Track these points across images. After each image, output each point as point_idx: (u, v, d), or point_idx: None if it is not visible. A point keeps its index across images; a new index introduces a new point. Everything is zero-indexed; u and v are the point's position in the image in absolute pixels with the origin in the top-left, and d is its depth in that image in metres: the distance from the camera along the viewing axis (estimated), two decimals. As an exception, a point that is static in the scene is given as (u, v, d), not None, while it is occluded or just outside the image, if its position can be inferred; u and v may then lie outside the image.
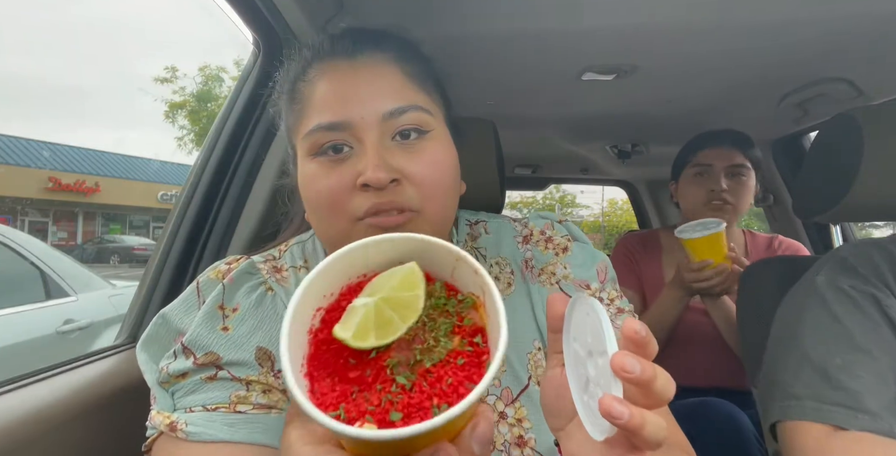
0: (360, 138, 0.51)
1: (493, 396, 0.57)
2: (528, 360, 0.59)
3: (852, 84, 1.26)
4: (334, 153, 0.52)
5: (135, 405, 0.77)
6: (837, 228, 1.79)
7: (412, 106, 0.52)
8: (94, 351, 0.81)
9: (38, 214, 16.50)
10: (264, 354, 0.52)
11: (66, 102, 37.03)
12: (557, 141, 2.14)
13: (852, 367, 0.67)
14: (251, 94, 1.00)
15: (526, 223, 0.69)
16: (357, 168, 0.50)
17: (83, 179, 16.60)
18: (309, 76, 0.54)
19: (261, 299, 0.56)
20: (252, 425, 0.48)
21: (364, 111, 0.51)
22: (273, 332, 0.54)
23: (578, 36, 1.12)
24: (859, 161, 0.78)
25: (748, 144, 1.38)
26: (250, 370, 0.51)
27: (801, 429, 0.67)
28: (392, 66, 0.54)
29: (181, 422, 0.48)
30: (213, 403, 0.49)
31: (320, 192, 0.51)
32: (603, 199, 26.43)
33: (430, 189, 0.52)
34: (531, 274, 0.64)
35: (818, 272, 0.78)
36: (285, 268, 0.60)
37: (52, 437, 0.62)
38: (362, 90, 0.52)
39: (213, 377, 0.50)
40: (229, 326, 0.53)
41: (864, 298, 0.72)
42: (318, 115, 0.51)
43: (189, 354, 0.51)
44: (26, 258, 2.40)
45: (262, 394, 0.50)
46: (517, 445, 0.55)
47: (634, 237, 1.56)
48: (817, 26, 1.04)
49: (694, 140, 1.45)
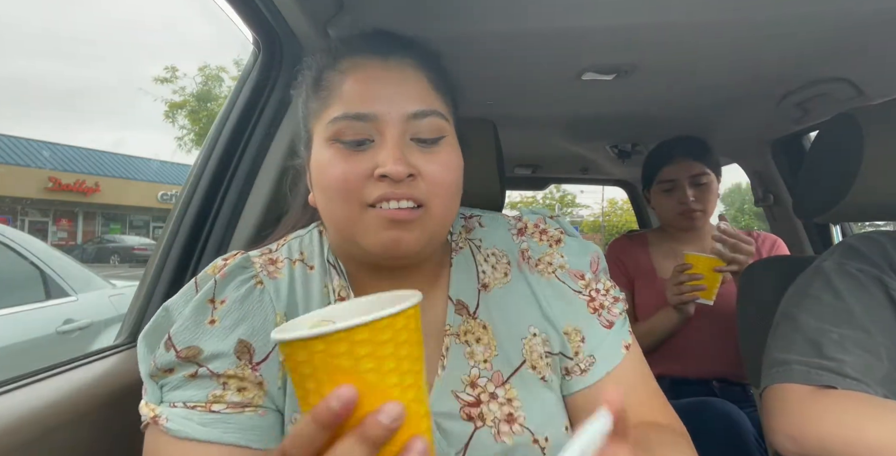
0: (382, 132, 0.54)
1: (484, 379, 0.59)
2: (523, 345, 0.62)
3: (852, 84, 1.26)
4: (355, 144, 0.54)
5: (135, 405, 0.77)
6: (837, 227, 1.80)
7: (434, 111, 0.56)
8: (94, 351, 0.81)
9: (38, 214, 16.50)
10: (244, 346, 0.54)
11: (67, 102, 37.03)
12: (557, 141, 2.14)
13: (846, 342, 0.68)
14: (251, 94, 0.99)
15: (520, 218, 0.72)
16: (375, 159, 0.53)
17: (83, 179, 16.60)
18: (340, 67, 0.56)
19: (248, 293, 0.57)
20: (225, 425, 0.50)
21: (391, 108, 0.54)
22: (256, 325, 0.55)
23: (578, 36, 1.12)
24: (859, 161, 0.78)
25: (704, 152, 1.46)
26: (229, 363, 0.53)
27: (786, 389, 0.68)
28: (418, 72, 0.57)
29: (163, 417, 0.51)
30: (192, 401, 0.51)
31: (336, 177, 0.53)
32: (603, 199, 26.45)
33: (440, 187, 0.55)
34: (528, 265, 0.67)
35: (826, 259, 0.79)
36: (280, 259, 0.62)
37: (52, 437, 0.62)
38: (391, 89, 0.55)
39: (195, 375, 0.52)
40: (216, 318, 0.55)
41: (869, 280, 0.72)
42: (345, 106, 0.54)
43: (170, 346, 0.53)
44: (26, 258, 2.39)
45: (237, 392, 0.52)
46: (506, 421, 0.57)
47: (622, 240, 1.64)
48: (817, 26, 1.04)
49: (654, 155, 1.53)
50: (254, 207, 0.99)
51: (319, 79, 0.58)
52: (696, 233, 1.50)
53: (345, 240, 0.58)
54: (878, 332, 0.69)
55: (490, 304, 0.64)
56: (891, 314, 0.70)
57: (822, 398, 0.65)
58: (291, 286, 0.60)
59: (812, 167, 0.91)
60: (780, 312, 0.79)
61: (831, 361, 0.67)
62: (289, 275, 0.61)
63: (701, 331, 1.37)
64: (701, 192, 1.44)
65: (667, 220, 1.53)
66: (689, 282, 1.28)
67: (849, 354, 0.67)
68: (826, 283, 0.75)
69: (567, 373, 0.63)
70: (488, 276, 0.65)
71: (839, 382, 0.65)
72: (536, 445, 0.57)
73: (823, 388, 0.66)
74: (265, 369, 0.54)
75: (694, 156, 1.44)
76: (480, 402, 0.58)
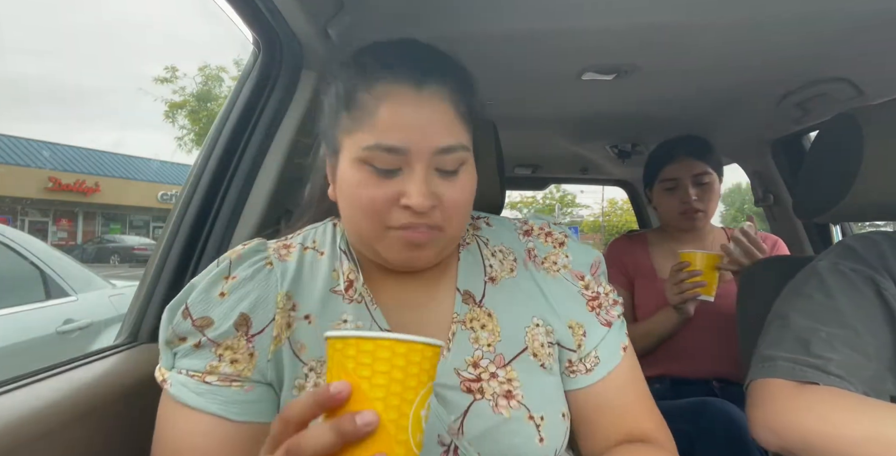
0: (410, 164, 0.57)
1: (486, 360, 0.63)
2: (526, 332, 0.66)
3: (852, 84, 1.26)
4: (385, 172, 0.57)
5: (135, 405, 0.77)
6: (837, 227, 1.80)
7: (460, 145, 0.59)
8: (94, 351, 0.81)
9: (38, 214, 16.50)
10: (244, 319, 0.59)
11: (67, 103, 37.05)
12: (557, 141, 2.14)
13: (834, 341, 0.69)
14: (251, 94, 0.99)
15: (525, 221, 0.75)
16: (402, 188, 0.57)
17: (83, 179, 16.60)
18: (374, 92, 0.58)
19: (258, 272, 0.62)
20: (213, 396, 0.56)
21: (422, 142, 0.57)
22: (257, 300, 0.60)
23: (578, 36, 1.12)
24: (859, 161, 0.78)
25: (707, 151, 1.46)
26: (228, 334, 0.58)
27: (770, 384, 0.70)
28: (450, 103, 0.59)
29: (168, 382, 0.58)
30: (192, 370, 0.57)
31: (362, 200, 0.58)
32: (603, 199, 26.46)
33: (457, 211, 0.60)
34: (534, 262, 0.71)
35: (822, 259, 0.79)
36: (293, 245, 0.67)
37: (52, 437, 0.62)
38: (423, 122, 0.57)
39: (198, 345, 0.57)
40: (226, 291, 0.60)
41: (861, 279, 0.73)
42: (379, 134, 0.57)
43: (186, 315, 0.58)
44: (26, 258, 2.39)
45: (230, 364, 0.57)
46: (504, 397, 0.61)
47: (622, 239, 1.64)
48: (817, 26, 1.04)
49: (657, 154, 1.52)
50: (254, 207, 0.98)
51: (352, 97, 0.59)
52: (697, 233, 1.49)
53: (363, 245, 0.63)
54: (867, 331, 0.69)
55: (496, 294, 0.67)
56: (881, 314, 0.70)
57: (804, 393, 0.66)
58: (299, 268, 0.64)
59: (812, 167, 0.91)
60: (774, 310, 0.80)
61: (817, 359, 0.68)
62: (298, 259, 0.65)
63: (701, 331, 1.37)
64: (703, 191, 1.43)
65: (668, 220, 1.52)
66: (689, 279, 1.27)
67: (836, 353, 0.68)
68: (819, 282, 0.75)
69: (571, 370, 0.67)
70: (495, 269, 0.69)
71: (822, 379, 0.66)
72: (532, 421, 0.60)
73: (806, 384, 0.67)
74: (258, 341, 0.58)
75: (697, 155, 1.44)
76: (481, 379, 0.62)
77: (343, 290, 0.63)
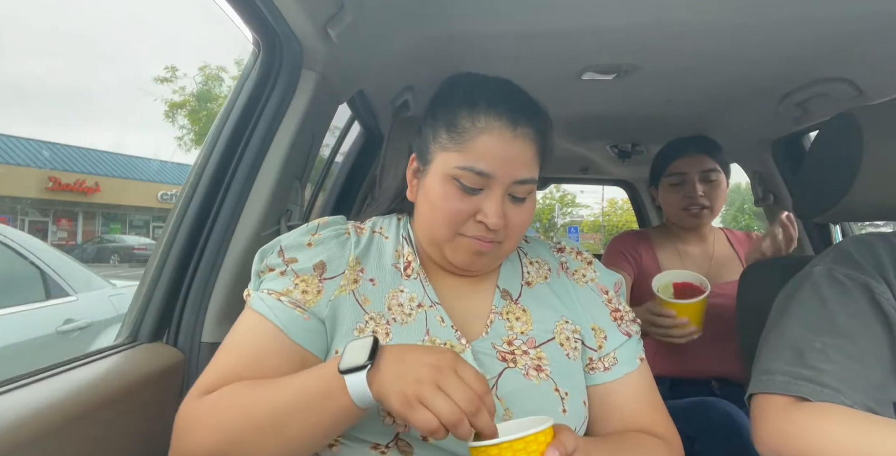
0: (492, 187, 0.69)
1: (519, 341, 0.73)
2: (555, 326, 0.75)
3: (852, 84, 1.26)
4: (470, 190, 0.69)
5: (135, 405, 0.77)
6: (837, 227, 1.80)
7: (533, 179, 0.71)
8: (94, 351, 0.81)
9: (38, 214, 16.49)
10: (321, 264, 0.72)
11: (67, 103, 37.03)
12: (557, 141, 2.12)
13: (829, 351, 0.69)
14: (251, 94, 0.99)
15: (559, 242, 0.87)
16: (481, 206, 0.69)
17: (83, 179, 16.58)
18: (478, 124, 0.69)
19: (338, 235, 0.76)
20: (280, 312, 0.67)
21: (506, 172, 0.68)
22: (334, 254, 0.73)
23: (578, 36, 1.12)
24: (859, 161, 0.78)
25: (716, 149, 1.46)
26: (307, 271, 0.71)
27: (767, 400, 0.70)
28: (533, 143, 0.71)
29: (251, 297, 0.71)
30: (272, 289, 0.70)
31: (448, 211, 0.69)
32: (603, 199, 26.45)
33: (518, 231, 0.72)
34: (566, 273, 0.82)
35: (817, 263, 0.79)
36: (365, 228, 0.80)
37: (53, 437, 0.62)
38: (511, 156, 0.69)
39: (283, 273, 0.71)
40: (312, 242, 0.74)
41: (856, 286, 0.73)
42: (474, 160, 0.68)
43: (280, 253, 0.72)
44: (26, 258, 2.39)
45: (301, 293, 0.69)
46: (535, 369, 0.70)
47: (626, 234, 1.61)
48: (817, 26, 1.04)
49: (666, 150, 1.52)
50: (254, 207, 0.98)
51: (455, 122, 0.70)
52: (698, 232, 1.49)
53: (432, 244, 0.74)
54: (863, 338, 0.69)
55: (530, 295, 0.78)
56: (875, 320, 0.70)
57: (802, 411, 0.66)
58: (369, 243, 0.77)
59: (812, 167, 0.91)
60: (771, 317, 0.80)
61: (811, 371, 0.68)
62: (368, 236, 0.78)
63: (709, 328, 1.37)
64: (710, 188, 1.43)
65: (672, 217, 1.51)
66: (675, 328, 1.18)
67: (831, 363, 0.67)
68: (813, 289, 0.75)
69: (591, 367, 0.75)
70: (531, 275, 0.80)
71: (816, 393, 0.66)
72: (557, 393, 0.69)
73: (802, 400, 0.67)
74: (327, 285, 0.71)
75: (706, 151, 1.44)
76: (515, 354, 0.71)
77: (402, 267, 0.75)
